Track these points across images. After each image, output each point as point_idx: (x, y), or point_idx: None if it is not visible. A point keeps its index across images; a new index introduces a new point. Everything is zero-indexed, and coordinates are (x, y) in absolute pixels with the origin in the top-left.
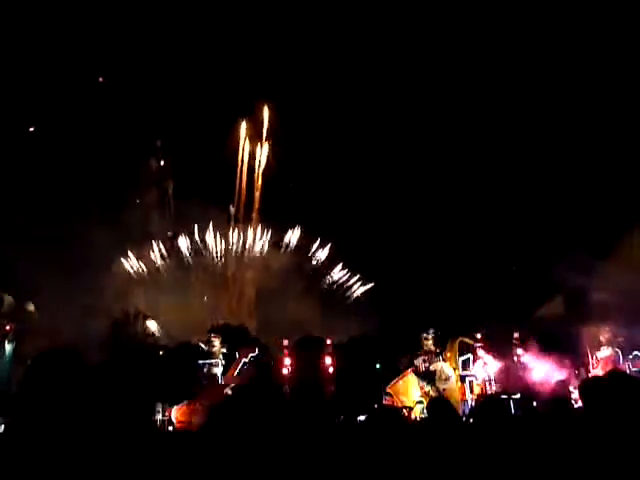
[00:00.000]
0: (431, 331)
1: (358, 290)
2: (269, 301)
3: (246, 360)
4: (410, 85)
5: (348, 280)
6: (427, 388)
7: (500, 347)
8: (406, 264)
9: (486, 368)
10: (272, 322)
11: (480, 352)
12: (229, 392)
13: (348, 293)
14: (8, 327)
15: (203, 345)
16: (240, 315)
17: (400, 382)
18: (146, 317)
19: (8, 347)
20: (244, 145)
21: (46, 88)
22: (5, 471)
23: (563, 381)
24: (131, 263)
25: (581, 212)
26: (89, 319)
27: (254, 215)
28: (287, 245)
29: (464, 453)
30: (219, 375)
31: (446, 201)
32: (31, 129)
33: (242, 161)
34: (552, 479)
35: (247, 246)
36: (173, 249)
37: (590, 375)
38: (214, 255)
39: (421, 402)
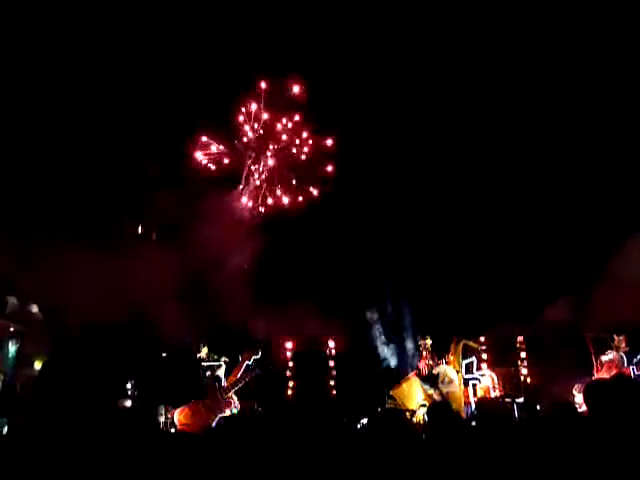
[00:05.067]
0: (429, 337)
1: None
2: None
3: (249, 362)
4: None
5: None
6: (430, 391)
7: (504, 350)
8: (408, 267)
9: (489, 371)
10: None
11: (483, 355)
12: (232, 394)
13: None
14: (12, 328)
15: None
16: None
17: (403, 385)
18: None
19: (12, 348)
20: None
21: None
22: (10, 470)
23: (567, 385)
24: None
25: (585, 212)
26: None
27: None
28: None
29: (466, 456)
30: (222, 377)
31: (447, 203)
32: None
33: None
34: None
35: None
36: None
37: (594, 379)
38: None
39: (424, 405)
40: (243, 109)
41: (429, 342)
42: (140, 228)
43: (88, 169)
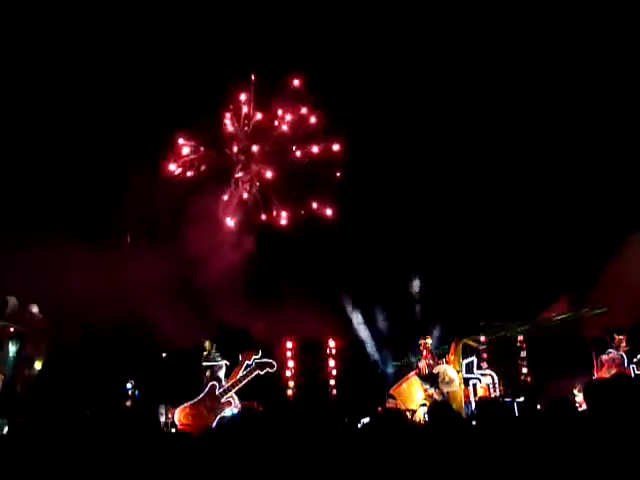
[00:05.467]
0: (429, 337)
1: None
2: None
3: (249, 362)
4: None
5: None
6: (430, 391)
7: (504, 350)
8: (409, 266)
9: (489, 371)
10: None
11: (484, 355)
12: (232, 394)
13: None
14: (12, 329)
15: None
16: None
17: (403, 385)
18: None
19: (12, 348)
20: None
21: None
22: (10, 471)
23: (567, 384)
24: None
25: (585, 213)
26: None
27: None
28: None
29: (467, 455)
30: (222, 377)
31: (448, 205)
32: None
33: None
34: None
35: None
36: None
37: (595, 378)
38: None
39: (424, 405)
40: (231, 106)
41: (429, 341)
42: (128, 230)
43: (70, 169)
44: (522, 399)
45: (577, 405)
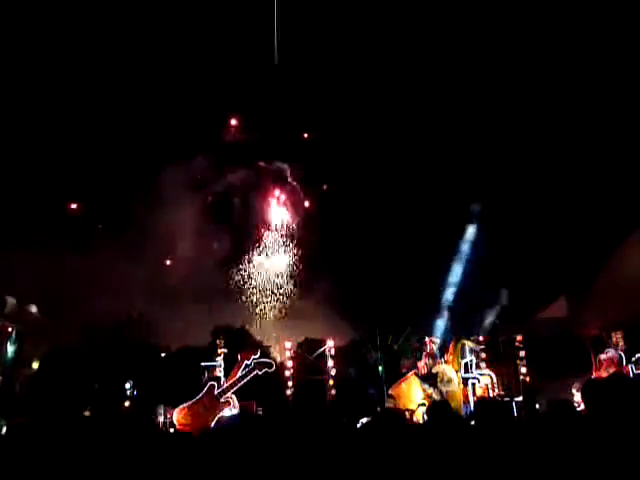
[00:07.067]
0: (432, 336)
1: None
2: None
3: (248, 362)
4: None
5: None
6: (429, 391)
7: (503, 349)
8: (406, 267)
9: (488, 370)
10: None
11: (482, 355)
12: (231, 394)
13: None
14: (10, 329)
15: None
16: None
17: (402, 385)
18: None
19: (10, 349)
20: None
21: None
22: (10, 471)
23: (566, 383)
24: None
25: (584, 214)
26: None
27: None
28: None
29: (466, 455)
30: (221, 377)
31: (440, 201)
32: None
33: None
34: None
35: None
36: None
37: (593, 377)
38: None
39: (423, 405)
40: None
41: (437, 341)
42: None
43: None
44: (521, 399)
45: (575, 404)
